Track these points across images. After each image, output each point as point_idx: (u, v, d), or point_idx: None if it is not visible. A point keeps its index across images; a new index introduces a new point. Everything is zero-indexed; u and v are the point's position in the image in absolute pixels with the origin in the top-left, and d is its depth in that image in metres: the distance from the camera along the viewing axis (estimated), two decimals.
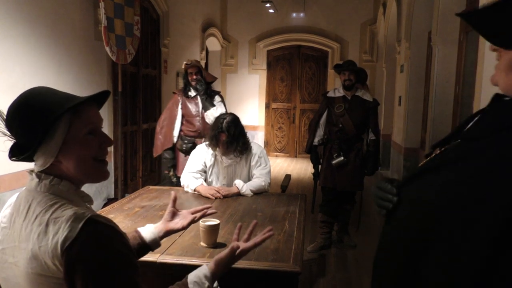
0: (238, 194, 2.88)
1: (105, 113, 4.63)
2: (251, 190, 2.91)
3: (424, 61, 5.79)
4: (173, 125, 4.19)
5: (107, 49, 4.03)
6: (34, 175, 1.04)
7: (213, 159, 3.07)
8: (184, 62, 4.24)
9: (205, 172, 3.09)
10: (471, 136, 0.79)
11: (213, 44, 9.22)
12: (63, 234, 0.93)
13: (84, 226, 0.94)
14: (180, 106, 4.19)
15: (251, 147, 3.06)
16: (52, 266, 0.95)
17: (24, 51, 3.35)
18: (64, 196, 1.03)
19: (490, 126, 0.76)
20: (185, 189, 2.99)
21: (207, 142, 3.05)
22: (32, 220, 0.99)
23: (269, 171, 3.07)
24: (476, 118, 0.83)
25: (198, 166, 3.05)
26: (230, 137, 2.89)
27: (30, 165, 1.08)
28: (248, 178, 3.07)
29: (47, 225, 0.96)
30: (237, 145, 2.92)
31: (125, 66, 4.82)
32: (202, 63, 4.16)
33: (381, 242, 0.90)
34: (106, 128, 4.67)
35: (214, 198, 2.81)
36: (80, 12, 4.11)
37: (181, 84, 6.94)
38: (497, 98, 0.82)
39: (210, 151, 3.06)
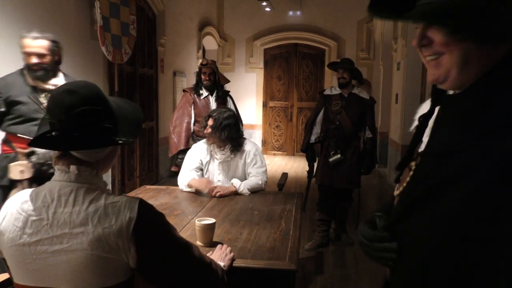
0: (236, 193, 2.88)
1: None
2: (248, 189, 2.91)
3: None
4: (185, 125, 4.17)
5: (103, 48, 4.03)
6: (73, 168, 1.14)
7: (208, 155, 3.08)
8: (200, 61, 4.23)
9: (201, 169, 3.09)
10: (450, 149, 0.76)
11: (210, 43, 9.21)
12: (126, 216, 1.11)
13: (139, 207, 1.13)
14: (193, 106, 4.19)
15: (243, 143, 3.05)
16: (114, 245, 1.10)
17: (19, 51, 3.34)
18: (99, 185, 1.18)
19: (474, 124, 0.74)
20: (180, 187, 2.99)
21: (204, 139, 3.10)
22: (84, 207, 1.11)
23: (265, 170, 3.08)
24: (434, 128, 0.83)
25: (193, 164, 3.05)
26: (216, 124, 2.91)
27: None
28: (244, 175, 3.07)
29: (105, 209, 1.11)
30: (221, 135, 2.91)
31: (122, 65, 4.81)
32: (199, 62, 4.16)
33: None
34: None
35: (210, 196, 2.81)
36: (75, 11, 4.10)
37: (178, 83, 6.95)
38: (440, 94, 0.82)
39: (205, 148, 3.07)
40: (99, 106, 1.14)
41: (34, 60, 2.70)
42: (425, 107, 0.93)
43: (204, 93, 4.20)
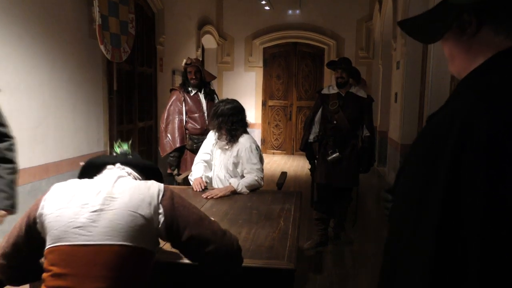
0: (235, 193, 2.88)
1: (101, 112, 4.62)
2: (246, 187, 2.91)
3: (420, 57, 5.79)
4: (178, 122, 4.16)
5: (102, 47, 4.02)
6: (117, 165, 1.59)
7: (216, 140, 3.19)
8: (184, 61, 4.22)
9: (211, 153, 3.24)
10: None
11: (209, 41, 9.20)
12: (156, 188, 1.47)
13: (165, 185, 1.51)
14: (184, 103, 4.19)
15: (239, 136, 3.09)
16: (147, 211, 1.40)
17: (17, 50, 3.33)
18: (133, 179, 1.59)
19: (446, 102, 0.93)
20: (189, 177, 3.24)
21: None
22: (122, 185, 1.47)
23: (261, 167, 3.09)
24: None
25: (205, 153, 3.24)
26: (214, 111, 3.06)
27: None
28: (232, 167, 3.11)
29: (138, 186, 1.47)
30: (214, 122, 3.05)
31: (121, 64, 4.80)
32: (183, 62, 4.16)
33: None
34: (102, 127, 4.66)
35: (197, 190, 2.97)
36: (74, 10, 4.08)
37: (178, 82, 6.94)
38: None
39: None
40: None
41: None
42: None
43: (193, 90, 4.20)
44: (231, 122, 3.04)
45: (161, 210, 1.42)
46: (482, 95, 0.83)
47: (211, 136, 3.25)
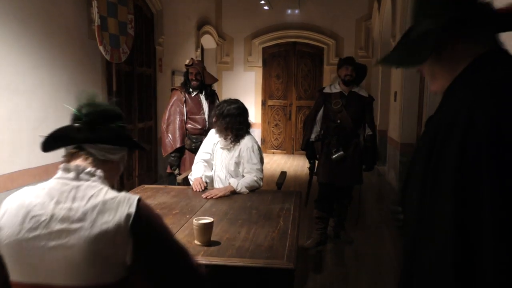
0: (234, 193, 2.89)
1: None
2: (246, 187, 2.92)
3: None
4: (178, 122, 4.17)
5: (101, 48, 4.02)
6: (74, 166, 1.19)
7: (217, 140, 3.18)
8: (186, 62, 4.22)
9: (212, 153, 3.23)
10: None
11: (208, 42, 9.20)
12: (125, 211, 1.12)
13: (138, 203, 1.15)
14: (184, 104, 4.19)
15: (243, 136, 3.11)
16: (112, 241, 1.10)
17: (16, 51, 3.33)
18: (101, 182, 1.20)
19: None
20: (189, 177, 3.24)
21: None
22: (83, 203, 1.13)
23: (261, 168, 3.10)
24: None
25: (205, 153, 3.23)
26: (220, 111, 3.04)
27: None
28: (234, 167, 3.11)
29: (104, 205, 1.12)
30: (222, 124, 3.03)
31: (120, 65, 4.80)
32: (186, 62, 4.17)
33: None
34: None
35: (197, 190, 2.96)
36: (73, 10, 4.09)
37: (177, 82, 6.94)
38: None
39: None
40: (120, 116, 1.30)
41: None
42: None
43: (194, 91, 4.20)
44: (239, 122, 3.06)
45: (129, 240, 1.12)
46: (478, 90, 0.90)
47: (212, 135, 3.24)
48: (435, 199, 0.89)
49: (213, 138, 3.23)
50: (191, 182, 3.15)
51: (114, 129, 1.24)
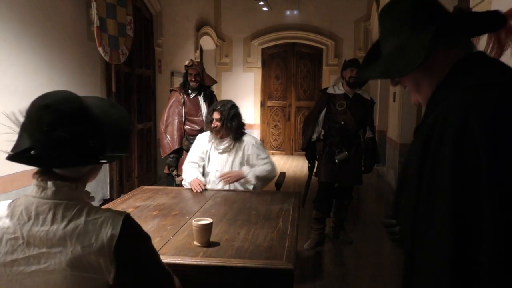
0: (242, 178, 3.02)
1: None
2: (256, 177, 2.99)
3: None
4: (177, 124, 4.17)
5: (100, 49, 4.02)
6: (51, 184, 1.06)
7: (210, 146, 3.16)
8: (185, 63, 4.22)
9: (203, 160, 3.18)
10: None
11: (208, 43, 9.21)
12: (108, 233, 1.04)
13: (123, 223, 1.07)
14: (183, 105, 4.19)
15: (244, 133, 3.15)
16: (95, 264, 1.04)
17: (16, 52, 3.34)
18: (80, 198, 1.11)
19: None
20: (183, 182, 3.13)
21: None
22: (63, 225, 1.04)
23: (270, 159, 3.18)
24: None
25: (197, 155, 3.17)
26: (225, 115, 3.01)
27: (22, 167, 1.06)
28: (239, 167, 3.12)
29: (85, 226, 1.05)
30: (231, 125, 3.01)
31: (119, 66, 4.80)
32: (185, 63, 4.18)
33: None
34: None
35: (197, 191, 2.92)
36: (72, 12, 4.09)
37: (176, 83, 6.94)
38: None
39: (208, 138, 3.16)
40: (82, 124, 1.06)
41: None
42: None
43: (193, 93, 4.21)
44: (238, 122, 3.09)
45: (113, 261, 1.06)
46: (470, 92, 0.91)
47: (201, 142, 3.20)
48: (432, 200, 0.89)
49: (202, 145, 3.19)
50: (184, 186, 3.13)
51: (76, 153, 1.05)
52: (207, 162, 3.19)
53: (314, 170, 4.16)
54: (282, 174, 3.91)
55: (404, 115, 6.07)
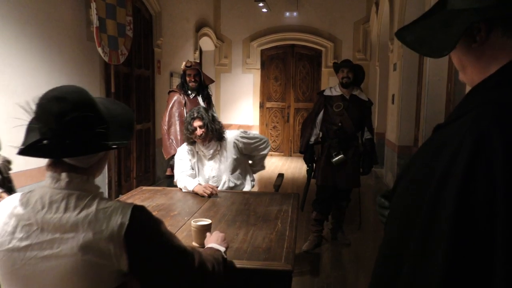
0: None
1: None
2: (262, 166, 3.46)
3: (416, 59, 5.81)
4: (179, 125, 4.16)
5: (99, 49, 4.02)
6: (64, 175, 1.13)
7: (195, 156, 3.11)
8: (184, 64, 4.23)
9: (193, 170, 3.12)
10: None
11: (207, 44, 9.22)
12: (118, 220, 1.10)
13: (132, 212, 1.12)
14: (184, 106, 4.19)
15: (226, 132, 3.13)
16: (105, 250, 1.08)
17: (15, 52, 3.34)
18: (92, 190, 1.16)
19: (453, 114, 0.84)
20: (184, 190, 2.99)
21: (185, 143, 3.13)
22: (75, 213, 1.10)
23: (259, 137, 3.33)
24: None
25: (188, 166, 3.08)
26: (206, 121, 2.95)
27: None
28: (235, 164, 3.12)
29: (96, 214, 1.10)
30: (215, 130, 2.99)
31: (118, 66, 4.80)
32: (182, 65, 4.17)
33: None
34: None
35: (208, 196, 2.81)
36: (71, 12, 4.09)
37: (175, 84, 6.95)
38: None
39: (188, 150, 3.10)
40: (89, 112, 1.12)
41: None
42: None
43: (192, 93, 4.21)
44: (218, 122, 3.10)
45: (124, 249, 1.10)
46: (497, 111, 0.74)
47: (185, 154, 3.10)
48: (437, 212, 0.74)
49: (186, 156, 3.10)
50: (184, 190, 3.00)
51: (86, 141, 1.11)
52: (197, 173, 3.12)
53: (313, 173, 4.16)
54: (281, 175, 3.91)
55: (402, 118, 6.08)
